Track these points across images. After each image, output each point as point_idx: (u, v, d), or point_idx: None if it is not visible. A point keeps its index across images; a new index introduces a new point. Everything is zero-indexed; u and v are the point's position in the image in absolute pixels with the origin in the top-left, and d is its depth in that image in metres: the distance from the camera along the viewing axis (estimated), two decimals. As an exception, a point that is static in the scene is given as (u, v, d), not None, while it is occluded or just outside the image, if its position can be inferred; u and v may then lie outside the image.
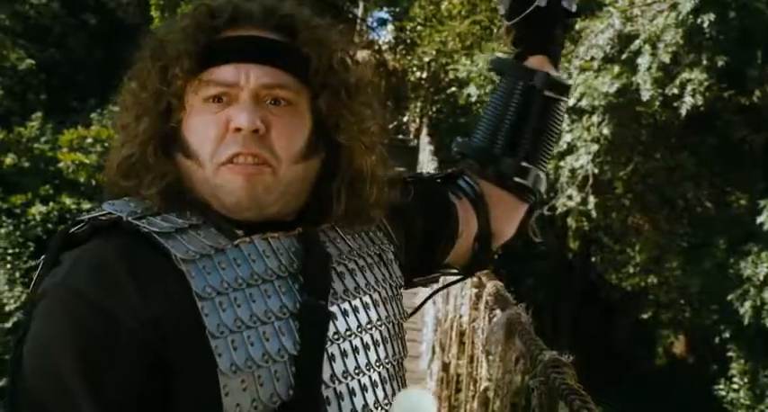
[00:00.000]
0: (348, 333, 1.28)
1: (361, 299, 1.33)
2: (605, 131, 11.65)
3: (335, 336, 1.26)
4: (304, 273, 1.24)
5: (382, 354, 1.34)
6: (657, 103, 11.00)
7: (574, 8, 1.73)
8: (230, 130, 1.19)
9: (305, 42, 1.24)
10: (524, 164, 1.67)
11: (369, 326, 1.32)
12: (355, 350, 1.28)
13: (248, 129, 1.17)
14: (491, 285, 2.54)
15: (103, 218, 1.18)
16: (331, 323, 1.24)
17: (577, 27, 12.29)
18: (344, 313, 1.29)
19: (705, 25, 10.22)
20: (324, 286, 1.25)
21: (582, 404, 1.46)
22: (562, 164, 12.14)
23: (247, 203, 1.19)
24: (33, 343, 1.11)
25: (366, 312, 1.33)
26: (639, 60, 10.68)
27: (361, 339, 1.30)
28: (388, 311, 1.38)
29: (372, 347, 1.32)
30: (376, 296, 1.36)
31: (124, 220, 1.17)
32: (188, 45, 1.21)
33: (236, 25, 1.24)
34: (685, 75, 10.61)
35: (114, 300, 1.10)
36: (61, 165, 17.45)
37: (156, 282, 1.13)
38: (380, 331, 1.35)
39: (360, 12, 28.65)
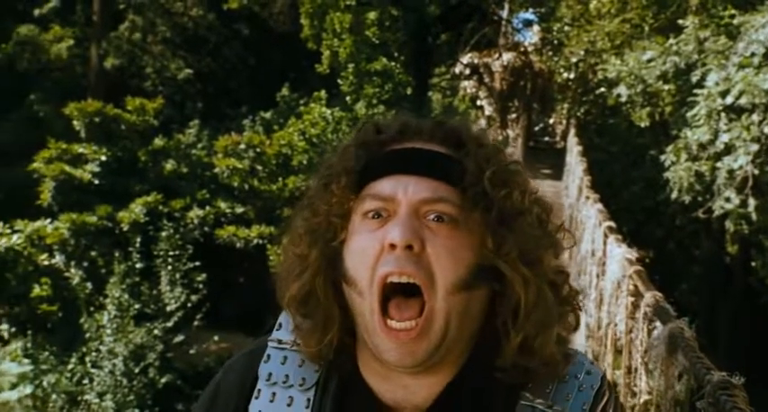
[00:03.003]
0: None
1: None
2: (766, 130, 11.12)
3: None
4: None
5: None
6: (825, 100, 10.42)
7: None
8: (385, 248, 1.11)
9: (470, 155, 1.16)
10: None
11: None
12: None
13: (401, 245, 1.09)
14: (650, 295, 2.43)
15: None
16: None
17: (736, 22, 11.78)
18: None
19: None
20: None
21: (754, 428, 1.39)
22: (719, 165, 11.67)
23: (402, 366, 1.12)
24: None
25: None
26: (805, 55, 10.16)
27: None
28: None
29: None
30: None
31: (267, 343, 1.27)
32: (349, 162, 1.18)
33: (402, 139, 1.19)
34: None
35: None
36: (216, 170, 18.18)
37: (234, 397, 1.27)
38: None
39: (505, 13, 28.47)
